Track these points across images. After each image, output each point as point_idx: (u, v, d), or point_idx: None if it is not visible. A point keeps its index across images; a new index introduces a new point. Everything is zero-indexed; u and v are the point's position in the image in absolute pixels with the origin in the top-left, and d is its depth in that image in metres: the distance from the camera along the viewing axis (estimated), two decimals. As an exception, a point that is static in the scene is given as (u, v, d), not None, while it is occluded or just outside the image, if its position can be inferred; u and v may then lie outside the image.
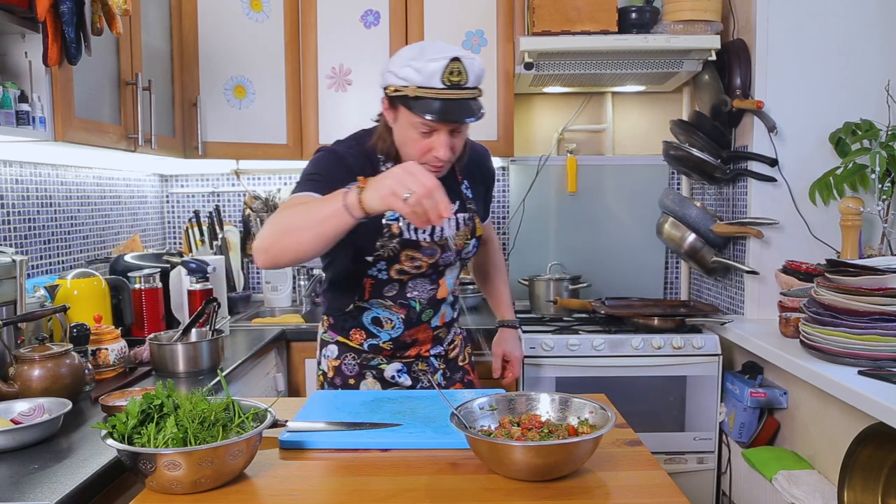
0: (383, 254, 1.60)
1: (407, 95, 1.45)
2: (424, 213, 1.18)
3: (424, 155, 1.51)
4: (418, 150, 1.51)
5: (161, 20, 2.34)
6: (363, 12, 2.70)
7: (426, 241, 1.62)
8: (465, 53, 1.44)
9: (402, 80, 1.45)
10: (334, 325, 1.78)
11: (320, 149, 1.62)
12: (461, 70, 1.43)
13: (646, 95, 3.06)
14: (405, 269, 1.63)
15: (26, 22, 1.60)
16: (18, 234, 2.07)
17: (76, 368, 1.55)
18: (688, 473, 2.44)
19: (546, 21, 2.43)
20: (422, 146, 1.50)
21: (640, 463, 1.19)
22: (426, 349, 1.78)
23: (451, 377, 1.84)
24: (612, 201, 3.02)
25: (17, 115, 1.60)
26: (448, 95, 1.43)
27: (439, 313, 1.75)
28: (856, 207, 2.12)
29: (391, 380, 1.76)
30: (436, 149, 1.49)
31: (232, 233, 3.06)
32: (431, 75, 1.42)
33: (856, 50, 2.36)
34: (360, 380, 1.75)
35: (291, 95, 2.72)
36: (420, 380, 1.78)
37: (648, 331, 2.44)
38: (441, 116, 1.44)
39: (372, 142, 1.61)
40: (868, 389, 1.59)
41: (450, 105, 1.44)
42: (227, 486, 1.10)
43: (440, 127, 1.47)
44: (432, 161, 1.51)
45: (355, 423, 1.34)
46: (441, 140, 1.48)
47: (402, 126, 1.52)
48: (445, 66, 1.41)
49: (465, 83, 1.44)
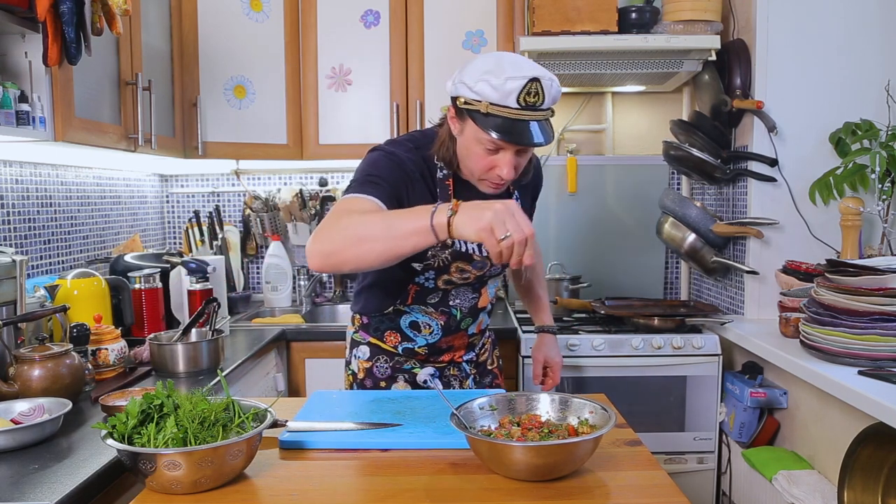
0: (433, 263, 1.57)
1: (478, 111, 1.38)
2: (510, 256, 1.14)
3: (488, 171, 1.46)
4: (482, 166, 1.45)
5: (161, 20, 2.35)
6: (363, 12, 2.70)
7: (478, 256, 1.59)
8: (544, 73, 1.36)
9: (475, 94, 1.37)
10: (367, 325, 1.75)
11: (375, 148, 1.55)
12: (539, 91, 1.35)
13: (646, 95, 3.06)
14: (453, 280, 1.61)
15: (26, 22, 1.60)
16: (18, 234, 2.07)
17: (76, 368, 1.55)
18: (688, 473, 2.44)
19: (546, 21, 2.43)
20: (486, 162, 1.44)
21: (640, 463, 1.19)
22: (460, 355, 1.76)
23: (480, 381, 1.83)
24: (612, 201, 3.02)
25: (17, 115, 1.60)
26: (521, 116, 1.36)
27: (477, 321, 1.74)
28: (856, 207, 2.12)
29: (423, 384, 1.72)
30: (500, 167, 1.43)
31: (232, 233, 3.06)
32: (508, 94, 1.34)
33: (856, 50, 2.36)
34: (392, 382, 1.72)
35: (291, 95, 2.72)
36: (451, 385, 1.76)
37: (648, 331, 2.44)
38: (512, 138, 1.37)
39: (434, 149, 1.54)
40: (868, 389, 1.59)
41: (522, 126, 1.37)
42: (227, 486, 1.10)
43: (508, 147, 1.41)
44: (494, 178, 1.46)
45: (355, 423, 1.34)
46: (507, 159, 1.42)
47: (467, 139, 1.45)
48: (524, 87, 1.34)
49: (540, 104, 1.37)
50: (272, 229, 3.05)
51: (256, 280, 3.14)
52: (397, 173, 1.48)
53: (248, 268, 3.15)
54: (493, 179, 1.46)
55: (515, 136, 1.37)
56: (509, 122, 1.36)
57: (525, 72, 1.34)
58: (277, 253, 2.99)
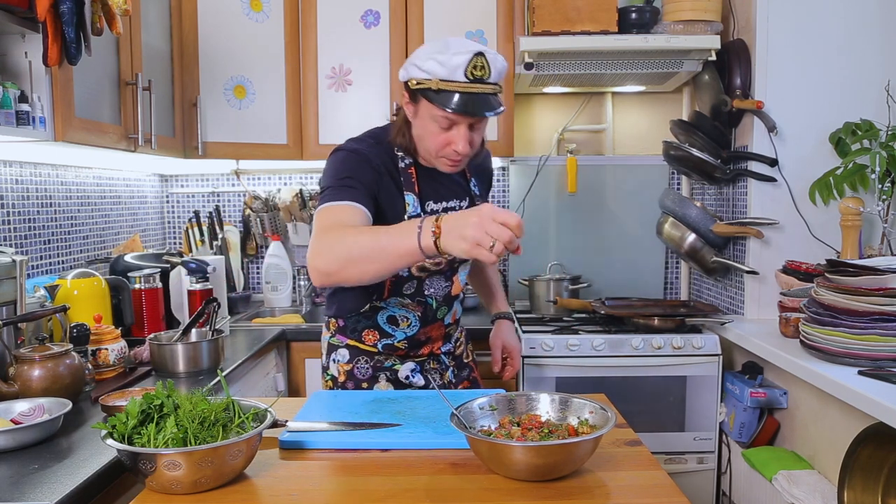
0: None
1: (430, 88, 1.46)
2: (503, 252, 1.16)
3: (443, 148, 1.53)
4: (437, 144, 1.53)
5: (161, 20, 2.35)
6: (363, 12, 2.70)
7: None
8: (488, 49, 1.46)
9: (425, 73, 1.47)
10: (344, 327, 1.77)
11: (338, 148, 1.61)
12: (485, 65, 1.44)
13: (646, 95, 3.06)
14: (426, 266, 1.63)
15: (26, 22, 1.60)
16: (18, 234, 2.07)
17: (76, 368, 1.55)
18: (688, 473, 2.44)
19: (546, 21, 2.43)
20: (441, 140, 1.52)
21: (640, 463, 1.19)
22: (438, 346, 1.79)
23: (459, 374, 1.86)
24: (612, 201, 3.02)
25: (17, 115, 1.60)
26: (470, 89, 1.44)
27: (452, 310, 1.78)
28: (856, 207, 2.12)
29: (405, 380, 1.75)
30: (455, 142, 1.51)
31: (232, 233, 3.06)
32: (455, 69, 1.43)
33: (856, 50, 2.36)
34: (374, 383, 1.74)
35: (291, 95, 2.72)
36: (433, 379, 1.78)
37: (648, 331, 2.44)
38: (462, 109, 1.45)
39: (391, 137, 1.61)
40: (868, 389, 1.59)
41: (471, 99, 1.45)
42: (227, 486, 1.10)
43: (461, 120, 1.49)
44: (451, 155, 1.53)
45: (355, 423, 1.34)
46: (461, 133, 1.50)
47: (422, 119, 1.53)
48: (469, 61, 1.43)
49: (487, 78, 1.46)
50: (272, 229, 3.06)
51: (256, 280, 3.14)
52: (366, 170, 1.54)
53: (248, 268, 3.15)
54: (450, 156, 1.53)
55: (466, 109, 1.45)
56: (459, 95, 1.44)
57: (470, 47, 1.44)
58: (277, 253, 2.99)
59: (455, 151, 1.52)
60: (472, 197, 1.75)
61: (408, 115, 1.57)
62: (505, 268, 3.08)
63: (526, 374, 2.39)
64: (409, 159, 1.62)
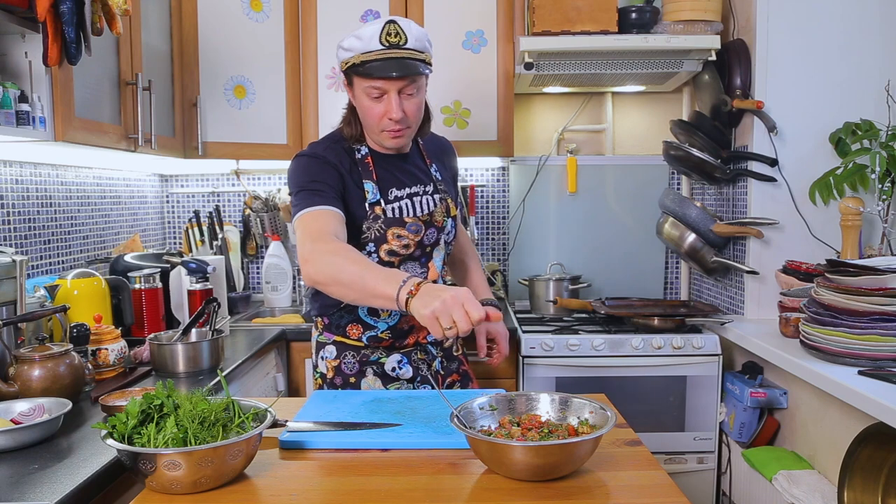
0: (370, 235, 1.65)
1: (354, 64, 1.56)
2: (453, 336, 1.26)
3: (381, 120, 1.60)
4: (375, 117, 1.60)
5: (161, 20, 2.35)
6: (363, 12, 2.70)
7: (410, 218, 1.68)
8: (402, 18, 1.56)
9: (347, 52, 1.57)
10: (329, 325, 1.79)
11: (298, 154, 1.67)
12: (398, 31, 1.54)
13: (646, 95, 3.06)
14: (394, 250, 1.67)
15: (26, 22, 1.60)
16: (18, 234, 2.07)
17: (76, 368, 1.55)
18: (688, 473, 2.44)
19: (546, 21, 2.43)
20: (377, 112, 1.59)
21: (640, 463, 1.19)
22: (423, 335, 1.80)
23: (448, 367, 1.86)
24: (612, 201, 3.02)
25: (17, 115, 1.60)
26: (388, 55, 1.53)
27: None
28: (856, 207, 2.12)
29: (392, 372, 1.76)
30: (389, 111, 1.57)
31: (232, 233, 3.06)
32: (370, 38, 1.53)
33: (856, 50, 2.37)
34: (361, 377, 1.76)
35: (291, 95, 2.72)
36: (420, 370, 1.78)
37: (648, 331, 2.44)
38: (382, 73, 1.53)
39: (342, 128, 1.70)
40: (868, 389, 1.59)
41: (390, 63, 1.53)
42: (227, 486, 1.10)
43: (387, 87, 1.56)
44: (388, 126, 1.60)
45: (355, 423, 1.34)
46: (392, 100, 1.57)
47: (358, 99, 1.61)
48: (382, 28, 1.53)
49: (403, 43, 1.54)
50: (272, 229, 3.06)
51: (256, 280, 3.14)
52: (328, 171, 1.62)
53: (248, 268, 3.15)
54: (389, 127, 1.60)
55: (385, 71, 1.53)
56: (379, 62, 1.54)
57: (383, 19, 1.54)
58: (277, 253, 2.99)
59: (390, 120, 1.59)
60: (434, 182, 1.77)
61: (351, 101, 1.66)
62: (505, 268, 3.08)
63: (526, 374, 2.39)
64: (365, 149, 1.69)
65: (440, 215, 1.74)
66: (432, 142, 1.85)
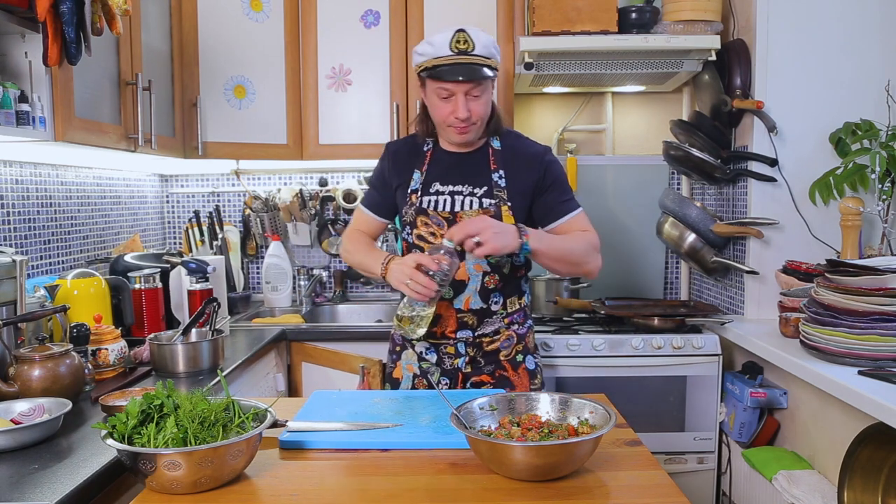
0: (406, 219, 1.83)
1: (427, 67, 1.71)
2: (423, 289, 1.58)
3: (448, 117, 1.73)
4: (443, 116, 1.74)
5: (161, 20, 2.35)
6: (363, 12, 2.70)
7: (432, 210, 1.80)
8: (471, 27, 1.69)
9: (421, 56, 1.72)
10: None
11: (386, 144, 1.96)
12: (467, 39, 1.67)
13: (646, 95, 3.06)
14: (423, 235, 1.81)
15: (26, 22, 1.60)
16: (18, 234, 2.07)
17: (76, 368, 1.55)
18: (688, 473, 2.44)
19: (546, 21, 2.43)
20: (445, 111, 1.73)
21: (640, 463, 1.20)
22: (451, 330, 1.80)
23: (480, 367, 1.83)
24: (612, 201, 3.02)
25: (17, 115, 1.60)
26: (457, 60, 1.67)
27: (462, 296, 1.78)
28: (856, 207, 2.12)
29: (420, 355, 1.85)
30: (455, 110, 1.71)
31: (232, 233, 3.06)
32: (441, 45, 1.67)
33: (856, 50, 2.36)
34: (403, 350, 1.89)
35: (291, 95, 2.72)
36: (443, 361, 1.83)
37: (648, 331, 2.44)
38: (450, 77, 1.67)
39: (415, 125, 1.89)
40: (868, 389, 1.59)
41: (458, 68, 1.67)
42: (227, 486, 1.10)
43: (455, 89, 1.69)
44: (455, 123, 1.73)
45: (355, 423, 1.34)
46: (459, 101, 1.70)
47: (429, 99, 1.76)
48: (452, 36, 1.66)
49: (472, 50, 1.67)
50: (272, 229, 3.06)
51: (256, 280, 3.14)
52: (382, 167, 1.90)
53: (248, 268, 3.15)
54: (455, 124, 1.73)
55: (453, 75, 1.67)
56: (448, 66, 1.68)
57: (454, 27, 1.68)
58: (277, 253, 2.99)
59: (456, 118, 1.71)
60: (491, 186, 1.79)
61: (423, 101, 1.81)
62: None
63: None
64: (431, 145, 1.86)
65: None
66: (519, 150, 1.83)
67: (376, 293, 3.16)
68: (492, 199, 1.78)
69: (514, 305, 1.87)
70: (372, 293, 3.17)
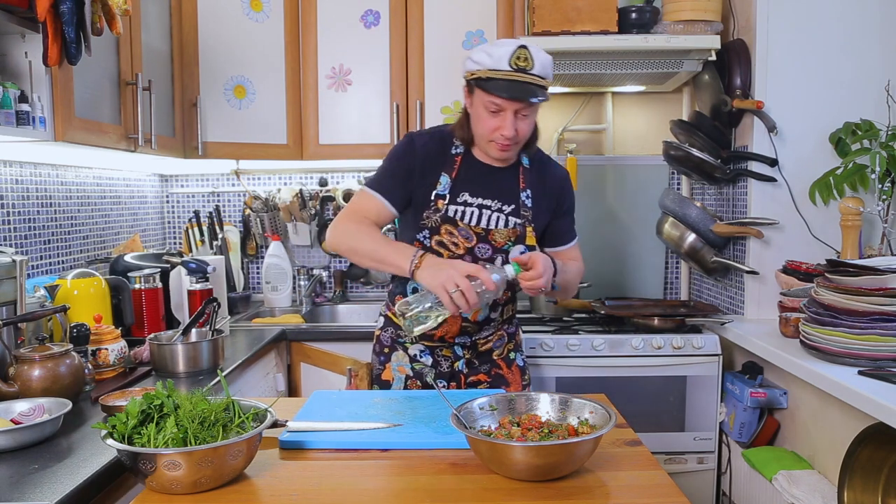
0: (427, 223, 1.74)
1: (480, 77, 1.63)
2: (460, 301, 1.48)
3: (492, 133, 1.66)
4: (488, 129, 1.66)
5: (161, 20, 2.35)
6: (363, 12, 2.70)
7: (462, 223, 1.73)
8: (533, 45, 1.62)
9: (476, 65, 1.64)
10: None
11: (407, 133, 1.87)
12: (528, 56, 1.59)
13: (646, 95, 3.06)
14: (444, 242, 1.74)
15: (26, 22, 1.60)
16: (18, 234, 2.07)
17: (76, 368, 1.55)
18: (688, 473, 2.44)
19: (546, 21, 2.43)
20: (491, 125, 1.66)
21: (640, 463, 1.20)
22: (451, 336, 1.80)
23: (476, 367, 1.85)
24: (612, 201, 3.02)
25: (17, 115, 1.60)
26: (514, 77, 1.59)
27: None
28: (856, 207, 2.12)
29: (413, 357, 1.82)
30: (502, 127, 1.64)
31: (232, 233, 3.06)
32: (501, 59, 1.59)
33: (856, 50, 2.36)
34: (392, 351, 1.85)
35: (291, 95, 2.72)
36: (440, 364, 1.81)
37: (648, 331, 2.44)
38: (505, 94, 1.60)
39: (452, 127, 1.78)
40: (868, 389, 1.59)
41: (514, 86, 1.60)
42: (227, 486, 1.10)
43: (506, 106, 1.62)
44: (499, 139, 1.66)
45: (355, 424, 1.34)
46: (507, 119, 1.63)
47: (475, 107, 1.68)
48: (513, 52, 1.59)
49: (530, 69, 1.60)
50: (272, 229, 3.06)
51: (256, 280, 3.14)
52: (407, 158, 1.74)
53: (248, 268, 3.15)
54: (499, 140, 1.67)
55: (509, 93, 1.60)
56: (504, 82, 1.60)
57: (516, 42, 1.61)
58: (277, 253, 2.99)
59: (502, 135, 1.65)
60: (518, 205, 1.76)
61: (466, 107, 1.73)
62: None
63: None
64: (462, 149, 1.77)
65: (502, 237, 1.74)
66: (544, 172, 1.83)
67: (376, 293, 3.16)
68: (518, 218, 1.77)
69: (509, 312, 1.89)
70: (372, 293, 3.17)
